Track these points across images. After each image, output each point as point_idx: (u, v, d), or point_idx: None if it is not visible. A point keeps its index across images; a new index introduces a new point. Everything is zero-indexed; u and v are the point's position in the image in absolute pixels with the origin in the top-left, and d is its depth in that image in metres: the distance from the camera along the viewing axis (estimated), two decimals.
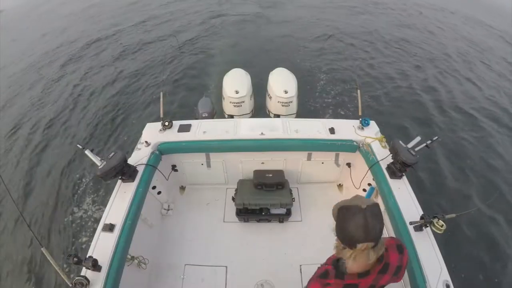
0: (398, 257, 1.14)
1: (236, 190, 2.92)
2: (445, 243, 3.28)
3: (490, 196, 4.01)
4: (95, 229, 1.98)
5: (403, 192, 2.24)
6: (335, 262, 1.16)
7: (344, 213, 1.00)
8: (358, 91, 2.90)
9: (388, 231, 2.36)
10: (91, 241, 1.92)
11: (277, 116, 3.55)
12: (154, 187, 2.77)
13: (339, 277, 1.10)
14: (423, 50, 8.53)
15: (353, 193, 3.02)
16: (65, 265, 3.13)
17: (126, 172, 2.27)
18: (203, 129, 2.78)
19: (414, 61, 7.80)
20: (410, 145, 2.29)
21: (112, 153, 2.23)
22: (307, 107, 5.28)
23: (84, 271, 1.71)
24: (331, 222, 1.25)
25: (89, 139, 5.22)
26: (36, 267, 3.37)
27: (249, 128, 2.78)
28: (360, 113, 2.83)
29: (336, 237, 1.07)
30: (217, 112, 3.77)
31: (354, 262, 1.03)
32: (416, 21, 10.76)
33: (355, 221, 0.95)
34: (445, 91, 6.51)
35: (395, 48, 8.46)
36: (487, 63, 8.06)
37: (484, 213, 3.79)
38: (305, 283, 2.37)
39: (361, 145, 2.66)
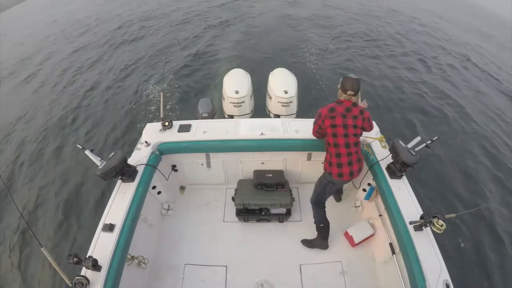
0: (362, 108, 2.23)
1: (236, 190, 2.92)
2: (445, 243, 3.30)
3: (490, 196, 4.01)
4: (95, 229, 1.98)
5: (403, 192, 2.24)
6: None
7: (345, 79, 2.16)
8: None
9: (388, 231, 2.37)
10: (91, 241, 1.92)
11: (277, 116, 3.54)
12: (154, 187, 2.77)
13: (335, 102, 2.23)
14: (425, 50, 8.54)
15: (353, 193, 3.04)
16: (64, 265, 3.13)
17: (126, 172, 2.27)
18: (203, 129, 2.78)
19: (415, 61, 7.81)
20: (410, 145, 2.30)
21: (112, 153, 2.23)
22: (307, 107, 5.28)
23: (84, 271, 1.71)
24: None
25: (89, 139, 5.22)
26: (36, 267, 3.37)
27: (249, 128, 2.78)
28: None
29: (339, 89, 2.20)
30: (217, 112, 3.77)
31: (345, 98, 2.18)
32: (420, 23, 10.78)
33: (348, 82, 2.14)
34: (446, 92, 6.51)
35: (397, 49, 8.47)
36: (490, 64, 8.07)
37: (484, 213, 3.79)
38: (305, 283, 2.38)
39: (361, 145, 2.66)
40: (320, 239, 2.59)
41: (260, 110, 3.84)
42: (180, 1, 12.67)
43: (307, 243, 2.66)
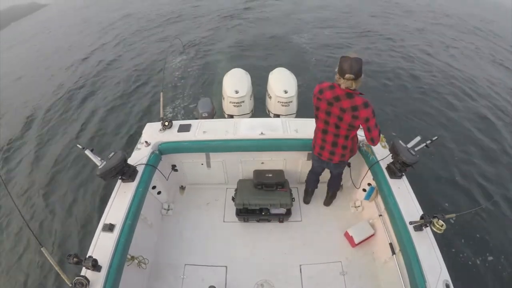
0: (361, 104, 1.84)
1: (236, 190, 2.92)
2: (445, 243, 3.29)
3: (490, 196, 4.01)
4: (95, 229, 1.98)
5: (403, 192, 2.24)
6: None
7: (341, 60, 1.75)
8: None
9: (388, 231, 2.37)
10: (91, 241, 1.92)
11: (277, 116, 3.55)
12: (154, 187, 2.77)
13: (330, 84, 1.92)
14: (424, 49, 8.53)
15: (353, 193, 3.04)
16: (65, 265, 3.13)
17: (126, 172, 2.26)
18: (203, 129, 2.78)
19: (415, 61, 7.79)
20: (410, 145, 2.29)
21: (112, 153, 2.23)
22: (307, 107, 5.26)
23: (84, 271, 1.71)
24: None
25: (89, 139, 5.22)
26: (36, 267, 3.37)
27: (249, 128, 2.78)
28: None
29: (336, 73, 1.80)
30: (217, 112, 3.77)
31: (344, 84, 1.80)
32: (420, 21, 10.76)
33: (346, 63, 1.72)
34: (446, 91, 6.51)
35: (396, 48, 8.46)
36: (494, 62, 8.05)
37: (484, 213, 3.79)
38: (305, 283, 2.38)
39: (361, 145, 2.66)
40: (304, 195, 3.02)
41: (260, 110, 3.84)
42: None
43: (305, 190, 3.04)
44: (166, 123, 2.78)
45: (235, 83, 3.57)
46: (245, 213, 2.81)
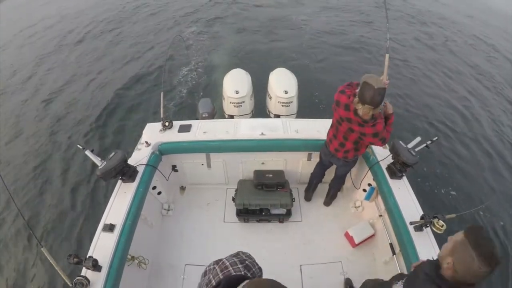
0: (370, 134, 1.89)
1: (236, 190, 2.92)
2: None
3: (490, 196, 4.01)
4: (95, 229, 1.98)
5: (403, 192, 2.24)
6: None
7: (365, 86, 1.69)
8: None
9: (388, 231, 2.37)
10: (91, 241, 1.92)
11: (277, 116, 3.55)
12: (154, 187, 2.77)
13: (347, 101, 1.89)
14: (424, 48, 8.53)
15: (353, 194, 3.04)
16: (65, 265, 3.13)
17: (126, 172, 2.27)
18: (204, 129, 2.78)
19: (415, 61, 7.79)
20: (410, 145, 2.30)
21: (112, 153, 2.23)
22: (307, 107, 5.27)
23: (84, 271, 1.71)
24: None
25: (89, 139, 5.22)
26: (36, 267, 3.37)
27: (249, 128, 2.79)
28: None
29: (356, 95, 1.79)
30: (217, 112, 3.78)
31: (361, 110, 1.81)
32: (420, 21, 10.74)
33: (368, 92, 1.68)
34: (446, 92, 6.51)
35: (397, 48, 8.45)
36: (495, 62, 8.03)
37: (484, 213, 3.79)
38: (305, 283, 2.38)
39: None
40: (306, 191, 3.04)
41: (260, 110, 3.84)
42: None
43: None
44: (167, 124, 2.79)
45: (236, 84, 3.57)
46: (245, 214, 2.82)
